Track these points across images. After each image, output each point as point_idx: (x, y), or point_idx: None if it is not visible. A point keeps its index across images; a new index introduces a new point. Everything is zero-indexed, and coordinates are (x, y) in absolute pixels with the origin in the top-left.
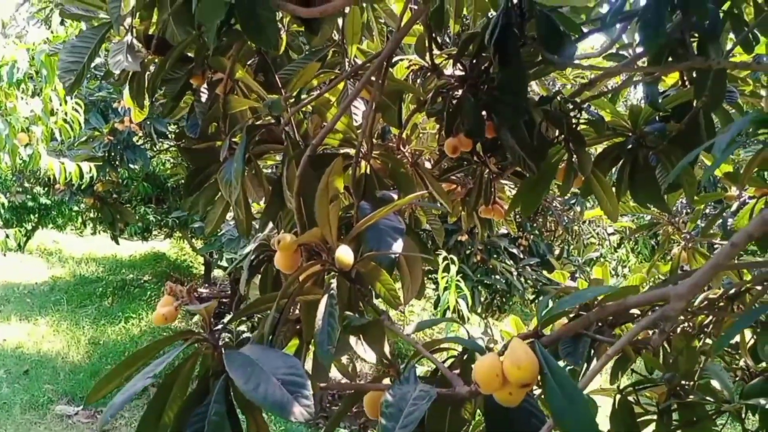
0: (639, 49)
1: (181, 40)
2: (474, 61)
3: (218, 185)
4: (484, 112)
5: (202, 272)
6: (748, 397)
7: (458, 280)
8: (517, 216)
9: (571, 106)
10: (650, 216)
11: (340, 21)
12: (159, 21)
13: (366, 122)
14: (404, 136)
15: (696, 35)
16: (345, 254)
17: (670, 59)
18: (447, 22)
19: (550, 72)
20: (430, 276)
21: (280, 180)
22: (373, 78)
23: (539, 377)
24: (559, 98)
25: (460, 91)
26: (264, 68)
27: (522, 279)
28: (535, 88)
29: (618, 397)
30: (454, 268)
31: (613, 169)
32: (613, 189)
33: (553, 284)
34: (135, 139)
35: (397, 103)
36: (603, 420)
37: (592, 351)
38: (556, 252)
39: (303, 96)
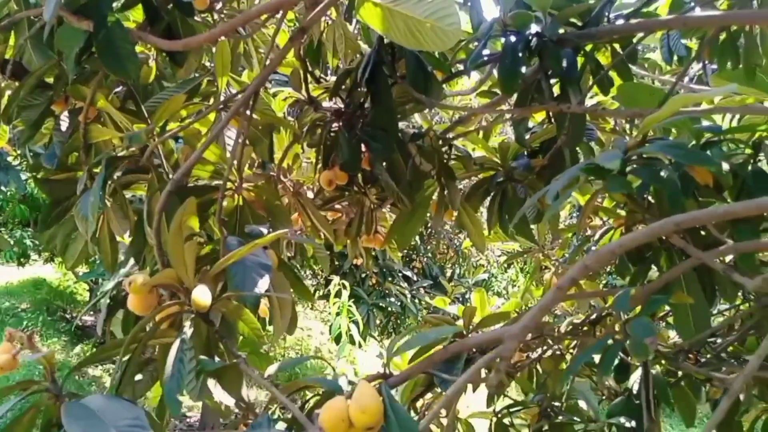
0: None
1: (39, 66)
2: (350, 96)
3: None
4: (364, 146)
5: (87, 299)
6: (611, 416)
7: (350, 305)
8: (412, 240)
9: (441, 142)
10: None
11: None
12: (16, 45)
13: (233, 155)
14: (285, 166)
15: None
16: (201, 295)
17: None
18: (325, 56)
19: (421, 110)
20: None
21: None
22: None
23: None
24: (431, 134)
25: (337, 125)
26: (132, 97)
27: (416, 301)
28: (419, 121)
29: (494, 420)
30: (345, 293)
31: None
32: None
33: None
34: (10, 159)
35: (269, 136)
36: None
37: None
38: (448, 274)
39: (172, 126)
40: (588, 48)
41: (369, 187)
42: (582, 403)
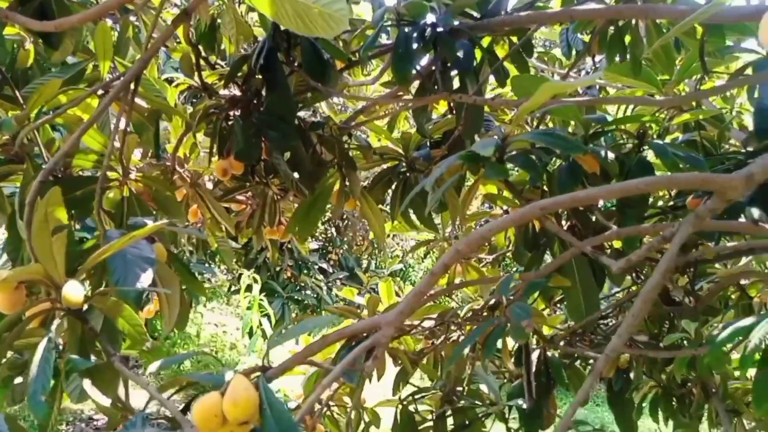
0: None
1: None
2: (246, 83)
3: None
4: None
5: None
6: (511, 398)
7: (262, 299)
8: (329, 231)
9: (341, 132)
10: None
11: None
12: None
13: (112, 142)
14: (181, 155)
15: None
16: (72, 291)
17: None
18: (220, 42)
19: (323, 98)
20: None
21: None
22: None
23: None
24: (331, 123)
25: (232, 113)
26: (7, 82)
27: (332, 293)
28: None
29: (400, 407)
30: (256, 287)
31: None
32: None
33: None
34: None
35: (155, 124)
36: None
37: None
38: (364, 265)
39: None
40: (487, 40)
41: (271, 178)
42: (483, 387)
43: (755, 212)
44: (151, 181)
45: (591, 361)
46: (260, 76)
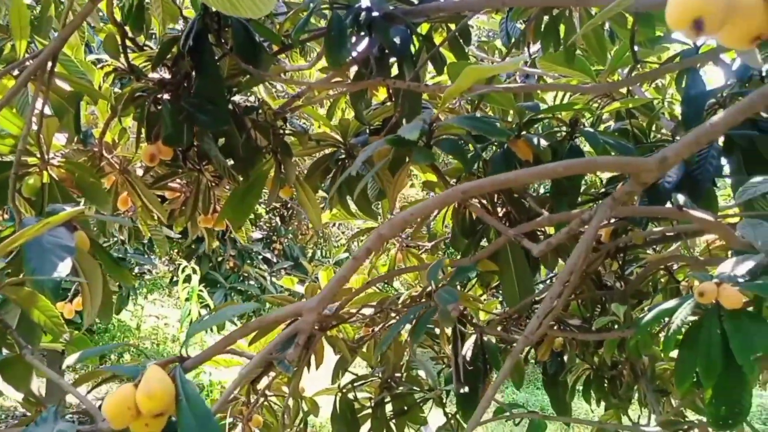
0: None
1: None
2: (175, 65)
3: None
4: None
5: None
6: (448, 383)
7: (201, 290)
8: (273, 220)
9: (275, 116)
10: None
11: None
12: None
13: (28, 126)
14: (109, 141)
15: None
16: None
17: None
18: (149, 22)
19: (258, 82)
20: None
21: None
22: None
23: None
24: (266, 108)
25: (161, 96)
26: None
27: (277, 283)
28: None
29: (339, 395)
30: (195, 278)
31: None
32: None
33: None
34: None
35: (75, 106)
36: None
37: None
38: (309, 254)
39: None
40: (425, 27)
41: (205, 164)
42: (422, 373)
43: (680, 198)
44: (74, 167)
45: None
46: (190, 59)
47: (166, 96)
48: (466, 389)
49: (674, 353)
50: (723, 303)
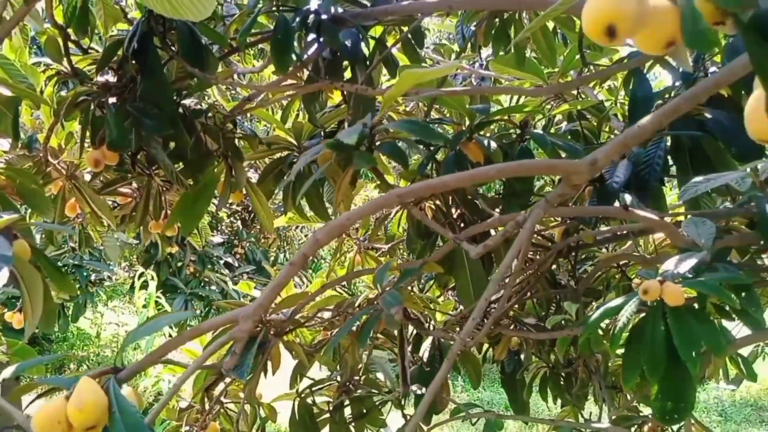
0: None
1: None
2: (120, 68)
3: None
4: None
5: None
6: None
7: (158, 297)
8: (235, 224)
9: (231, 120)
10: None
11: None
12: None
13: None
14: (55, 146)
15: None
16: None
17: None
18: (94, 24)
19: (208, 86)
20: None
21: None
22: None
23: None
24: (214, 111)
25: (105, 100)
26: None
27: (239, 287)
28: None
29: (297, 400)
30: (153, 284)
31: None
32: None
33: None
34: None
35: (14, 111)
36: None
37: None
38: (272, 258)
39: None
40: (379, 30)
41: (155, 168)
42: (380, 375)
43: (627, 198)
44: (15, 174)
45: (486, 345)
46: (135, 62)
47: (111, 100)
48: (423, 390)
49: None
50: (666, 300)
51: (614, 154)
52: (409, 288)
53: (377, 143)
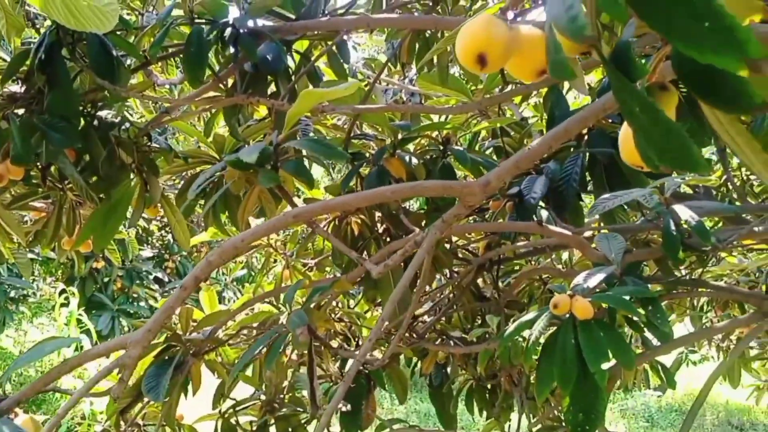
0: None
1: None
2: (27, 80)
3: None
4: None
5: None
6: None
7: (80, 314)
8: (165, 237)
9: (146, 133)
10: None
11: None
12: None
13: None
14: None
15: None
16: None
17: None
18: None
19: (123, 99)
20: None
21: None
22: None
23: None
24: (129, 124)
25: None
26: None
27: None
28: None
29: (221, 421)
30: (74, 301)
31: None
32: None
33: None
34: None
35: None
36: None
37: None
38: None
39: None
40: (304, 44)
41: (68, 182)
42: (306, 393)
43: (543, 214)
44: None
45: (414, 359)
46: (42, 73)
47: (18, 112)
48: (349, 407)
49: None
50: (576, 314)
51: (506, 175)
52: (335, 303)
53: (281, 161)
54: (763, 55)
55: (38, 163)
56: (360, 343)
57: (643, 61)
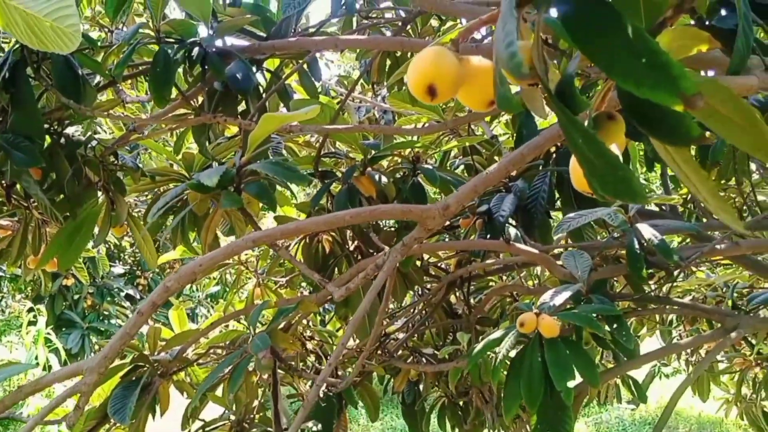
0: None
1: None
2: None
3: None
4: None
5: None
6: (303, 421)
7: (48, 333)
8: (137, 254)
9: (113, 152)
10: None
11: None
12: None
13: None
14: None
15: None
16: None
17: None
18: None
19: (90, 117)
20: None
21: None
22: None
23: None
24: (96, 142)
25: None
26: None
27: None
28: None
29: None
30: (42, 319)
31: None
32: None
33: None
34: None
35: None
36: None
37: None
38: None
39: None
40: (274, 63)
41: (34, 201)
42: None
43: (512, 231)
44: None
45: (388, 377)
46: (5, 92)
47: None
48: (319, 426)
49: None
50: (542, 332)
51: (465, 199)
52: (306, 322)
53: (245, 183)
54: (696, 92)
55: (2, 182)
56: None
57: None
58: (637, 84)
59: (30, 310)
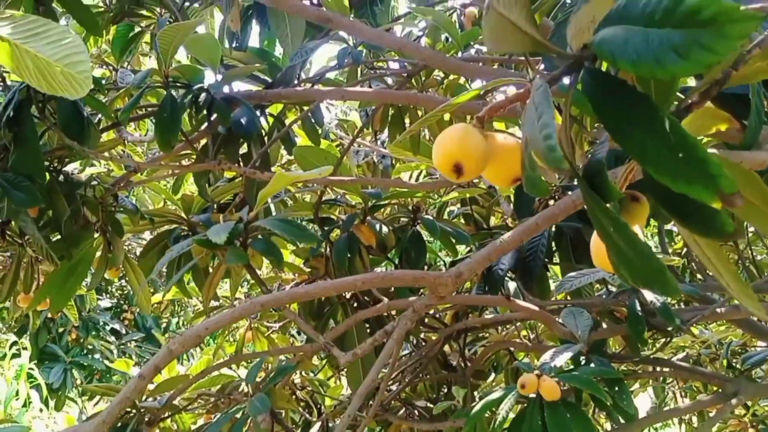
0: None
1: None
2: None
3: None
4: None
5: None
6: None
7: (32, 367)
8: (126, 288)
9: (113, 193)
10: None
11: None
12: None
13: None
14: None
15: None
16: None
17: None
18: None
19: (86, 156)
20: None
21: None
22: None
23: None
24: (93, 183)
25: None
26: None
27: (126, 356)
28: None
29: None
30: (26, 353)
31: None
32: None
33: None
34: None
35: None
36: None
37: None
38: (165, 324)
39: None
40: (278, 108)
41: (28, 238)
42: None
43: (511, 286)
44: None
45: (379, 428)
46: (8, 130)
47: None
48: None
49: None
50: (543, 395)
51: (479, 267)
52: (300, 371)
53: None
54: (735, 191)
55: None
56: (322, 410)
57: None
58: (673, 178)
59: (14, 344)
